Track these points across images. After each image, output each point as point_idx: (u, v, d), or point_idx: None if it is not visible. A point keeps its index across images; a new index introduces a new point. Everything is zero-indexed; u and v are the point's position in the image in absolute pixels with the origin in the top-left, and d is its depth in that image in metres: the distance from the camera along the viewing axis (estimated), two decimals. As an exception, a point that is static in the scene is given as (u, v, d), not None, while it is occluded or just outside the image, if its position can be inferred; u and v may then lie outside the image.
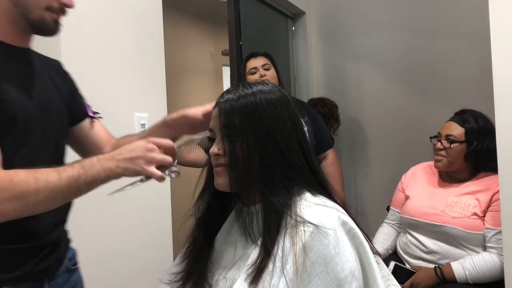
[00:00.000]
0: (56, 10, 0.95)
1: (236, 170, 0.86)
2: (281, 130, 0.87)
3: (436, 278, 1.63)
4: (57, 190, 0.83)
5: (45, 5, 0.93)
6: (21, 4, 0.92)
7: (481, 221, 1.64)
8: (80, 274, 1.18)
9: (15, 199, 0.80)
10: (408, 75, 2.83)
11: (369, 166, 3.04)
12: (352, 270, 0.79)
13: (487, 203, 1.65)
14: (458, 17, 2.57)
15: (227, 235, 0.94)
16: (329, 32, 3.17)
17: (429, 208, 1.74)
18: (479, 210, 1.65)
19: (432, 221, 1.70)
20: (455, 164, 1.76)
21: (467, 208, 1.66)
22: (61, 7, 0.95)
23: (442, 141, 1.77)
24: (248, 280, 0.80)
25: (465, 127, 1.73)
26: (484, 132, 1.72)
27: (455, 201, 1.71)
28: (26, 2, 0.92)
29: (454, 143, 1.74)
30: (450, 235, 1.66)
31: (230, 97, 0.89)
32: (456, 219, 1.65)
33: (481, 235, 1.63)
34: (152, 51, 1.83)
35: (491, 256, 1.59)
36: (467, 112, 1.79)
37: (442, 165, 1.78)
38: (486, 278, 1.58)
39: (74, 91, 1.16)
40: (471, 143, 1.72)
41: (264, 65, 2.07)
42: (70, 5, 0.97)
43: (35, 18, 0.93)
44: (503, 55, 1.41)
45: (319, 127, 2.22)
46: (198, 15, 3.93)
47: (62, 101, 1.08)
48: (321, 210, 0.84)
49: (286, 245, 0.81)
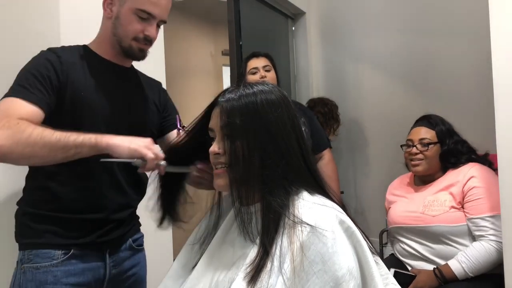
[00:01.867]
0: (141, 40, 1.20)
1: (235, 169, 0.87)
2: (281, 131, 0.88)
3: (437, 279, 1.63)
4: (45, 140, 0.99)
5: (133, 36, 1.20)
6: (117, 34, 1.20)
7: (461, 213, 1.68)
8: (144, 255, 1.38)
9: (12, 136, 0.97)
10: (408, 75, 2.83)
11: (368, 166, 3.04)
12: (350, 268, 0.79)
13: (460, 194, 1.70)
14: (458, 17, 2.57)
15: (225, 235, 0.95)
16: (329, 32, 3.17)
17: (409, 213, 1.79)
18: (455, 203, 1.70)
19: (415, 224, 1.75)
20: (433, 165, 1.82)
21: (444, 203, 1.71)
22: (145, 37, 1.21)
23: (417, 145, 1.83)
24: (246, 279, 0.81)
25: (436, 129, 1.84)
26: (450, 132, 1.84)
27: (432, 199, 1.75)
28: (120, 33, 1.20)
29: (431, 145, 1.81)
30: (436, 233, 1.69)
31: (231, 97, 0.89)
32: (436, 217, 1.70)
33: (465, 226, 1.67)
34: (152, 51, 1.82)
35: (481, 244, 1.62)
36: (431, 116, 1.89)
37: (422, 168, 1.83)
38: (483, 267, 1.61)
39: (167, 107, 1.40)
40: (444, 143, 1.81)
41: (265, 66, 2.07)
42: (152, 37, 1.22)
43: (125, 46, 1.21)
44: (503, 55, 1.41)
45: (316, 127, 2.23)
46: (198, 15, 3.93)
47: (149, 112, 1.32)
48: (319, 209, 0.84)
49: (284, 244, 0.81)
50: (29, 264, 1.13)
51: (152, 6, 1.18)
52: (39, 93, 1.08)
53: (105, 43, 1.24)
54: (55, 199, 1.15)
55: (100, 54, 1.24)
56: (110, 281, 1.24)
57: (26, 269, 1.13)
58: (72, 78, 1.14)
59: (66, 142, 0.99)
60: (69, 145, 1.00)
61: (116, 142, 1.01)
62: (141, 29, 1.19)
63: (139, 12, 1.18)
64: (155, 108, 1.35)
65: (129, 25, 1.18)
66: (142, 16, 1.18)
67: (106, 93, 1.21)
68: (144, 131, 1.28)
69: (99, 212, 1.20)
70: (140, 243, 1.37)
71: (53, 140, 0.99)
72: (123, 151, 1.01)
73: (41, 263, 1.13)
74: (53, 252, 1.14)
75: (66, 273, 1.14)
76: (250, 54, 2.14)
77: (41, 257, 1.13)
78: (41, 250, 1.14)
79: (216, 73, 4.27)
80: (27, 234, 1.17)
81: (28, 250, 1.15)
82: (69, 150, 1.00)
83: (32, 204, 1.18)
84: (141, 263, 1.36)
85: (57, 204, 1.16)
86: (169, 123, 1.39)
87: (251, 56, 2.12)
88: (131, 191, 1.28)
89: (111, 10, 1.21)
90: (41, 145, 0.99)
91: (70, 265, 1.15)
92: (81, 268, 1.17)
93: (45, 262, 1.13)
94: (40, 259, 1.13)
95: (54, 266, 1.13)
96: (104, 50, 1.24)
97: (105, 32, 1.23)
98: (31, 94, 1.07)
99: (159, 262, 1.73)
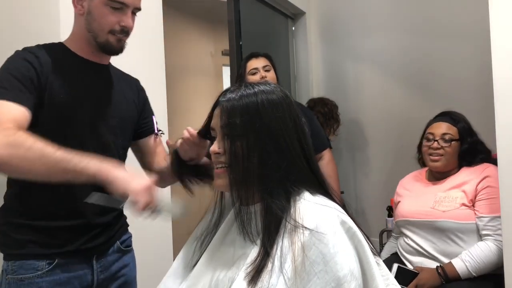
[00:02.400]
0: (118, 32, 1.16)
1: (235, 169, 0.86)
2: (282, 131, 0.87)
3: (440, 277, 1.63)
4: (45, 158, 0.95)
5: (108, 29, 1.15)
6: (92, 30, 1.15)
7: (471, 211, 1.68)
8: (133, 255, 1.34)
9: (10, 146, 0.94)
10: (408, 75, 2.83)
11: (369, 166, 3.04)
12: (351, 269, 0.79)
13: (473, 192, 1.70)
14: (458, 17, 2.57)
15: (225, 235, 0.95)
16: (329, 32, 3.17)
17: (419, 207, 1.78)
18: (467, 200, 1.69)
19: (423, 218, 1.74)
20: (451, 162, 1.81)
21: (455, 200, 1.71)
22: (122, 29, 1.16)
23: (439, 140, 1.81)
24: (247, 279, 0.80)
25: (458, 126, 1.81)
26: (470, 130, 1.83)
27: (443, 196, 1.75)
28: (94, 28, 1.15)
29: (453, 141, 1.79)
30: (443, 229, 1.68)
31: (232, 97, 0.89)
32: (446, 213, 1.69)
33: (474, 224, 1.66)
34: (152, 51, 1.83)
35: (486, 244, 1.62)
36: (453, 113, 1.88)
37: (441, 164, 1.81)
38: (487, 267, 1.60)
39: (145, 107, 1.37)
40: (464, 141, 1.80)
41: (265, 66, 2.07)
42: (129, 27, 1.17)
43: (101, 41, 1.16)
44: (503, 55, 1.41)
45: (315, 128, 2.23)
46: (198, 15, 3.93)
47: (129, 112, 1.28)
48: (320, 209, 0.84)
49: (285, 244, 0.81)
50: (13, 276, 1.10)
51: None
52: (23, 94, 1.05)
53: (80, 41, 1.19)
54: (33, 207, 1.13)
55: (76, 51, 1.20)
56: (99, 286, 1.21)
57: (10, 280, 1.11)
58: (51, 79, 1.12)
59: (66, 165, 0.96)
60: (68, 169, 0.96)
61: (117, 176, 0.97)
62: (116, 21, 1.14)
63: (111, 2, 1.12)
64: (134, 106, 1.31)
65: (103, 18, 1.13)
66: (115, 6, 1.13)
67: (84, 92, 1.18)
68: (124, 130, 1.26)
69: (80, 218, 1.16)
70: (129, 244, 1.33)
71: (52, 160, 0.96)
72: (118, 188, 0.97)
73: (25, 275, 1.10)
74: (37, 263, 1.11)
75: (52, 284, 1.11)
76: (249, 55, 2.14)
77: (25, 268, 1.10)
78: (25, 261, 1.11)
79: (216, 73, 4.26)
80: (10, 244, 1.13)
81: (12, 261, 1.12)
82: (67, 173, 0.97)
83: (11, 212, 1.15)
84: (130, 264, 1.32)
85: (36, 212, 1.13)
86: (147, 127, 1.36)
87: (250, 57, 2.11)
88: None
89: (82, 6, 1.15)
90: (40, 163, 0.95)
91: (55, 275, 1.12)
92: (67, 277, 1.14)
93: (29, 273, 1.10)
94: (24, 271, 1.10)
95: (39, 277, 1.10)
96: (79, 48, 1.19)
97: (79, 30, 1.18)
98: (17, 95, 1.04)
99: (159, 262, 1.74)
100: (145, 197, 0.97)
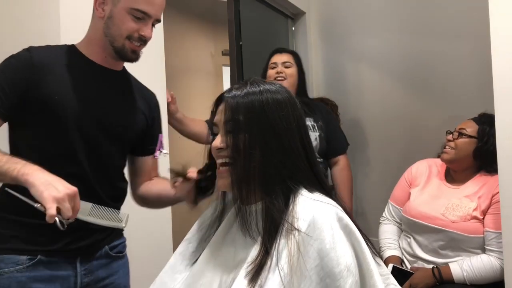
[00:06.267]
0: (135, 40, 1.17)
1: (237, 164, 0.87)
2: (285, 130, 0.88)
3: (434, 278, 1.63)
4: None
5: (126, 35, 1.16)
6: (109, 34, 1.16)
7: (480, 224, 1.65)
8: (125, 263, 1.31)
9: None
10: (408, 75, 2.82)
11: (369, 166, 3.03)
12: (347, 265, 0.80)
13: (487, 205, 1.66)
14: (458, 17, 2.57)
15: (224, 236, 0.95)
16: (329, 32, 3.17)
17: (430, 210, 1.75)
18: (479, 212, 1.66)
19: (431, 224, 1.71)
20: (462, 160, 1.77)
21: (467, 212, 1.67)
22: (140, 37, 1.17)
23: (454, 132, 1.80)
24: (247, 277, 0.81)
25: (480, 126, 1.77)
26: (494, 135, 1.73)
27: (456, 203, 1.71)
28: (113, 32, 1.16)
29: (465, 136, 1.76)
30: (449, 238, 1.67)
31: (237, 94, 0.89)
32: (455, 223, 1.66)
33: (481, 238, 1.64)
34: (152, 51, 1.82)
35: (489, 258, 1.60)
36: (488, 115, 1.81)
37: (448, 157, 1.79)
38: (484, 280, 1.60)
39: (154, 124, 1.35)
40: (481, 141, 1.74)
41: (284, 63, 2.09)
42: (147, 37, 1.18)
43: (118, 45, 1.16)
44: (503, 55, 1.41)
45: (333, 131, 2.19)
46: (198, 15, 3.93)
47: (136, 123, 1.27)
48: (317, 205, 0.85)
49: (281, 240, 0.82)
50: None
51: (147, 5, 1.15)
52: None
53: (95, 45, 1.20)
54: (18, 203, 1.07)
55: (87, 55, 1.20)
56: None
57: None
58: (45, 79, 1.11)
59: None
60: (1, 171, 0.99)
61: (33, 182, 0.94)
62: (136, 28, 1.16)
63: (134, 11, 1.14)
64: (143, 117, 1.30)
65: (124, 24, 1.15)
66: (137, 15, 1.15)
67: (84, 95, 1.16)
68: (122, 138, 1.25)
69: None
70: (120, 250, 1.30)
71: None
72: (35, 193, 0.94)
73: (5, 269, 1.09)
74: (18, 257, 1.10)
75: (32, 279, 1.10)
76: (275, 49, 2.18)
77: (5, 262, 1.10)
78: (5, 255, 1.10)
79: (216, 73, 4.26)
80: None
81: None
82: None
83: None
84: (120, 272, 1.28)
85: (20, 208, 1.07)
86: (149, 146, 1.34)
87: (275, 52, 2.16)
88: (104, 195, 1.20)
89: (103, 10, 1.16)
90: None
91: (37, 272, 1.11)
92: (49, 275, 1.13)
93: (9, 267, 1.09)
94: (4, 265, 1.10)
95: (19, 272, 1.09)
96: (92, 52, 1.20)
97: (95, 33, 1.19)
98: None
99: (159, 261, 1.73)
100: (55, 206, 0.92)
